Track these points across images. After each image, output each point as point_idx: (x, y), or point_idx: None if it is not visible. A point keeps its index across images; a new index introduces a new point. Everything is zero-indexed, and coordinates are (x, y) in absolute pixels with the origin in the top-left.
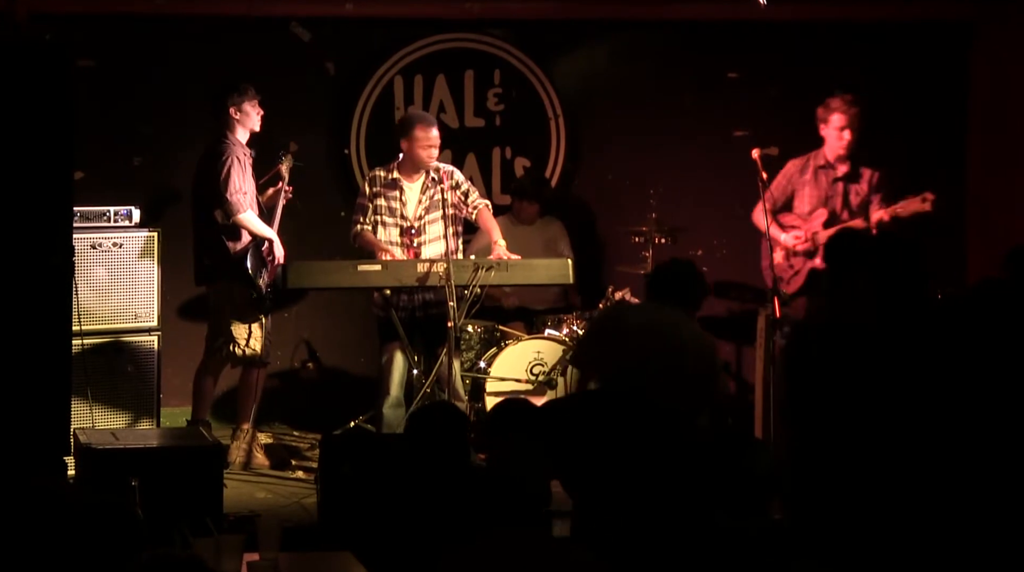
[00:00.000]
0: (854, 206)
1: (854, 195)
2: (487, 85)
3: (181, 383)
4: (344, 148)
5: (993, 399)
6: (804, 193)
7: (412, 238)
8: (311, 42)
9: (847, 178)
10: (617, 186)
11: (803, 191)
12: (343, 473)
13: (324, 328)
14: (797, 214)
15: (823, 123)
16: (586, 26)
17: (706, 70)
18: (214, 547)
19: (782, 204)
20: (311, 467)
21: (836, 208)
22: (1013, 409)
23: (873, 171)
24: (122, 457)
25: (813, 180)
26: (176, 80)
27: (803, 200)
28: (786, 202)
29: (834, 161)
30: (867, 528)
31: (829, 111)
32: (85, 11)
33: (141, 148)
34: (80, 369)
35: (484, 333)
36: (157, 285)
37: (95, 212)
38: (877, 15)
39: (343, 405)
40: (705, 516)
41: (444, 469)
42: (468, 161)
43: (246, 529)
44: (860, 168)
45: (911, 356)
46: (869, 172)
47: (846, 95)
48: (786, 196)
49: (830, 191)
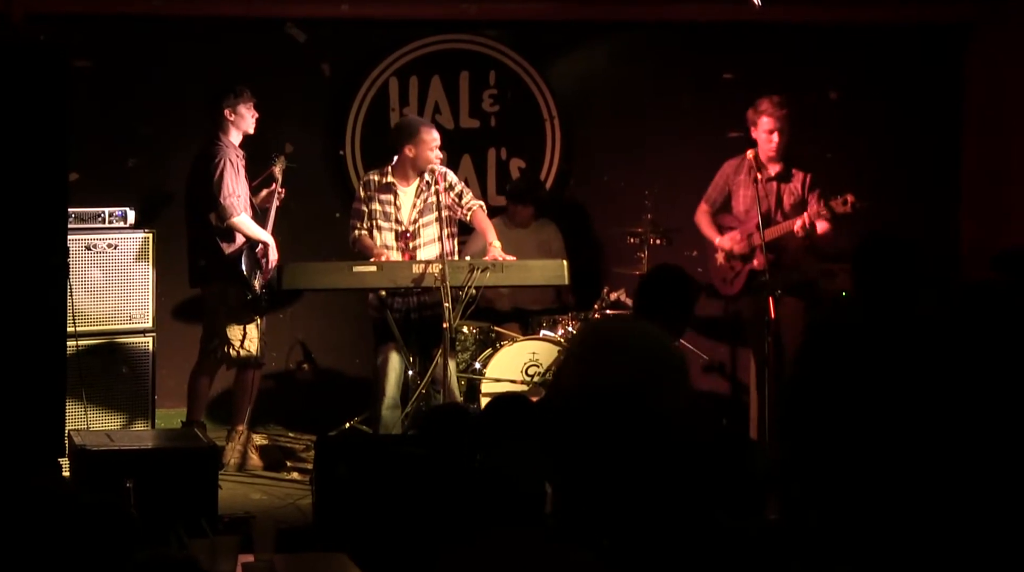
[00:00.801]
0: (787, 207)
1: (788, 195)
2: (482, 86)
3: (176, 384)
4: (339, 149)
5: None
6: (740, 193)
7: (408, 242)
8: (307, 43)
9: (779, 178)
10: (612, 187)
11: (739, 191)
12: (338, 474)
13: (319, 329)
14: (735, 214)
15: (753, 126)
16: (581, 27)
17: (701, 71)
18: (209, 548)
19: (721, 204)
20: (306, 468)
21: (770, 208)
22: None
23: (806, 173)
24: (117, 458)
25: (748, 180)
26: (172, 81)
27: (739, 200)
28: (724, 202)
29: (765, 162)
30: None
31: (758, 114)
32: (81, 12)
33: (136, 149)
34: (75, 370)
35: (479, 334)
36: (152, 286)
37: (90, 213)
38: (872, 17)
39: (338, 406)
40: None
41: (452, 470)
42: (463, 162)
43: (241, 530)
44: (792, 169)
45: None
46: (802, 174)
47: (774, 97)
48: (723, 196)
49: (763, 191)
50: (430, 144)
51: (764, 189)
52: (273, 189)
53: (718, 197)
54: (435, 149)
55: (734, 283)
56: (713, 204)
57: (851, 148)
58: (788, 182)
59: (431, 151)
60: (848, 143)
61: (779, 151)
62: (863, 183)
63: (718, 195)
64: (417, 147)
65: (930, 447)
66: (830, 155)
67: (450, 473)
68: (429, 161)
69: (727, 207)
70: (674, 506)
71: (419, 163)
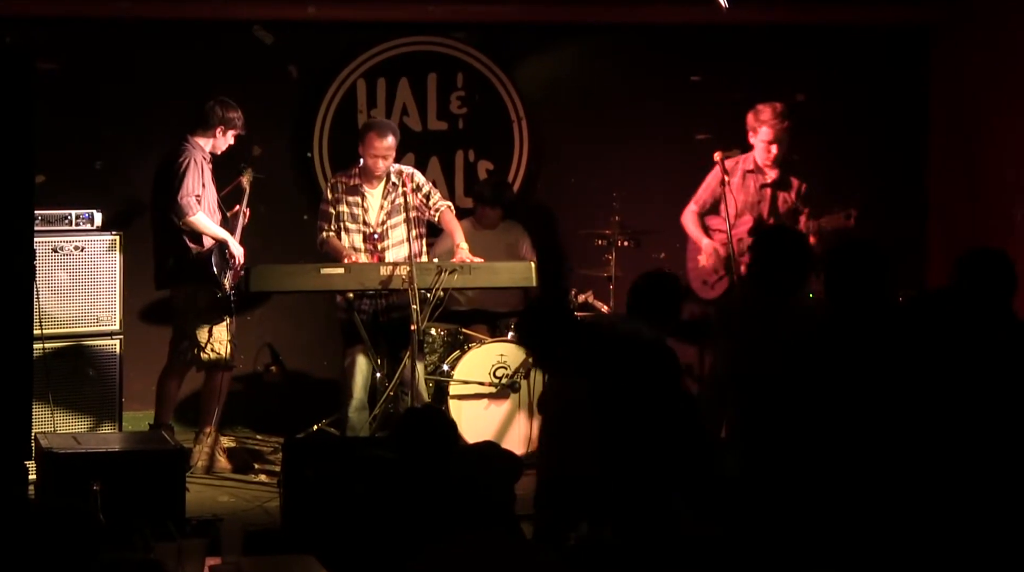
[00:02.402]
0: (782, 213)
1: (782, 202)
2: (450, 88)
3: (143, 387)
4: (307, 151)
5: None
6: (731, 196)
7: (375, 243)
8: (274, 45)
9: (776, 185)
10: (580, 189)
11: (731, 194)
12: (306, 477)
13: (287, 332)
14: (723, 217)
15: (752, 131)
16: (548, 29)
17: (668, 74)
18: (176, 551)
19: (710, 206)
20: (274, 471)
21: (763, 214)
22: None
23: (801, 182)
24: (84, 461)
25: (741, 183)
26: (139, 84)
27: (730, 203)
28: (714, 203)
29: (762, 166)
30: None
31: (759, 122)
32: (48, 14)
33: (103, 152)
34: (41, 373)
35: (447, 336)
36: (119, 288)
37: (57, 215)
38: (839, 19)
39: (306, 409)
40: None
41: (421, 473)
42: (431, 164)
43: (208, 533)
44: (789, 177)
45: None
46: (797, 182)
47: (776, 105)
48: (714, 198)
49: (757, 196)
50: (372, 150)
51: (759, 194)
52: (237, 210)
53: (708, 198)
54: (376, 157)
55: (716, 286)
56: (703, 206)
57: (818, 150)
58: (786, 190)
59: (371, 158)
60: (815, 145)
61: (775, 161)
62: (830, 185)
63: (709, 196)
64: (364, 151)
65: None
66: (796, 157)
67: (419, 476)
68: (369, 166)
69: (714, 209)
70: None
71: (366, 166)
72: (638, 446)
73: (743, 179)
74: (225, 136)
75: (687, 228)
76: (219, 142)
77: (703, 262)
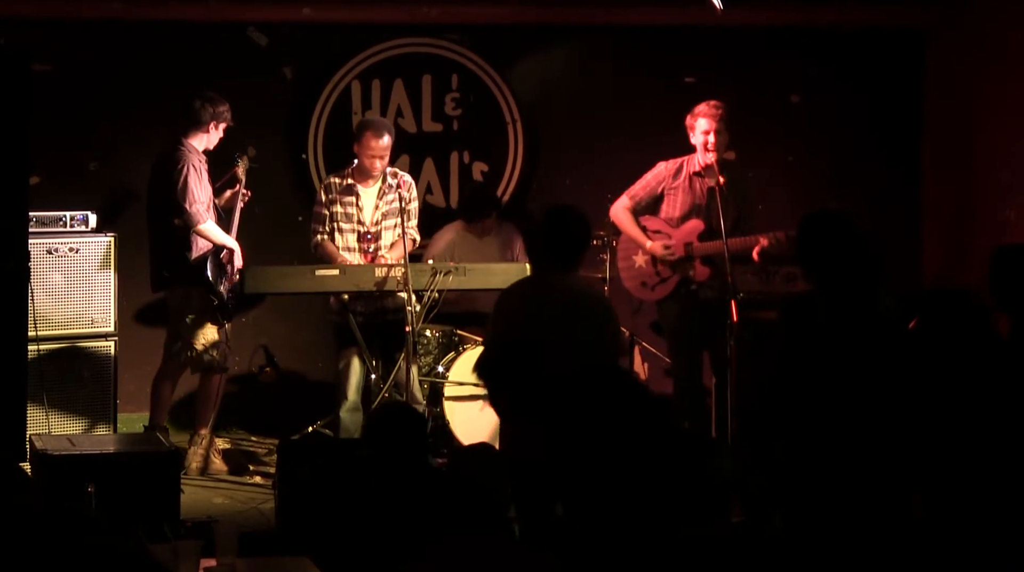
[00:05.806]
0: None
1: (733, 209)
2: (445, 90)
3: (138, 388)
4: (302, 153)
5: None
6: (676, 199)
7: (369, 243)
8: (268, 47)
9: (722, 190)
10: (575, 190)
11: (675, 196)
12: (301, 478)
13: (282, 333)
14: (664, 219)
15: (691, 130)
16: (543, 31)
17: (663, 75)
18: (171, 553)
19: (645, 205)
20: (269, 472)
21: (712, 220)
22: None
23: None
24: (78, 463)
25: (687, 186)
26: (133, 85)
27: (674, 206)
28: (649, 204)
29: (704, 171)
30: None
31: (694, 116)
32: (42, 16)
33: (97, 153)
34: (36, 375)
35: (442, 337)
36: (114, 290)
37: (51, 217)
38: (834, 20)
39: (301, 410)
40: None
41: (402, 471)
42: (426, 166)
43: (203, 535)
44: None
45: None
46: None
47: (710, 101)
48: (652, 198)
49: (703, 200)
50: (368, 150)
51: (703, 197)
52: (237, 190)
53: (646, 197)
54: (372, 157)
55: (657, 289)
56: (638, 203)
57: (813, 151)
58: (733, 195)
59: (367, 158)
60: (810, 146)
61: (717, 150)
62: (824, 186)
63: (646, 195)
64: (361, 150)
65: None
66: (791, 158)
67: (395, 471)
68: (370, 167)
69: (652, 209)
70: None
71: (362, 166)
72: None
73: (689, 182)
74: (218, 130)
75: (622, 224)
76: (213, 137)
77: (639, 262)
